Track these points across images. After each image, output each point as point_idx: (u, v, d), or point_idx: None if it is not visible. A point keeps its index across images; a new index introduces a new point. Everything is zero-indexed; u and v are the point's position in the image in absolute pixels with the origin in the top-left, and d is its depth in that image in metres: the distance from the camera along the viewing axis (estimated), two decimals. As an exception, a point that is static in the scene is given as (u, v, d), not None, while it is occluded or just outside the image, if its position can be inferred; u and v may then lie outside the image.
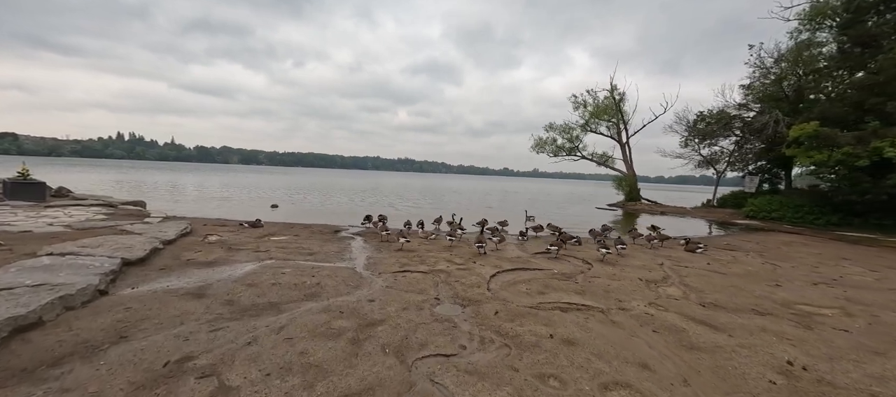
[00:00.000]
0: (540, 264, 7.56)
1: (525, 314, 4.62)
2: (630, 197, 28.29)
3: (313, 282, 5.38)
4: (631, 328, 4.43)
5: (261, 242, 8.22)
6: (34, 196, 11.57)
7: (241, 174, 67.20)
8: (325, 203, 22.31)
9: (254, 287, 5.03)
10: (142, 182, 32.36)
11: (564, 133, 33.24)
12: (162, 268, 5.65)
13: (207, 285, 5.00)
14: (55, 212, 10.04)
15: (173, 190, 25.95)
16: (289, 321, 4.02)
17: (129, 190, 24.16)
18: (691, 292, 6.08)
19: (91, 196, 13.90)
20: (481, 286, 5.75)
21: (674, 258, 9.02)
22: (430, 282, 5.82)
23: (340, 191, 34.61)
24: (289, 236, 9.33)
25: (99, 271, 4.71)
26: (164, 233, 7.68)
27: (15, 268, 4.49)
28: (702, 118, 25.76)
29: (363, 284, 5.55)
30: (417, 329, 4.03)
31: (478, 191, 44.61)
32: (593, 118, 30.49)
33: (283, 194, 26.84)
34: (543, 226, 12.15)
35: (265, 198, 22.78)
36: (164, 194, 22.45)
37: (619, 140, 29.84)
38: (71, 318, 3.67)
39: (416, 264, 6.94)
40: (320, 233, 10.09)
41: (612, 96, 29.87)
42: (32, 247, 5.87)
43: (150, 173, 51.23)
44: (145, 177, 39.50)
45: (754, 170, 25.36)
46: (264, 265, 6.21)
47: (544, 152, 34.69)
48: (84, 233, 7.34)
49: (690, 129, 26.57)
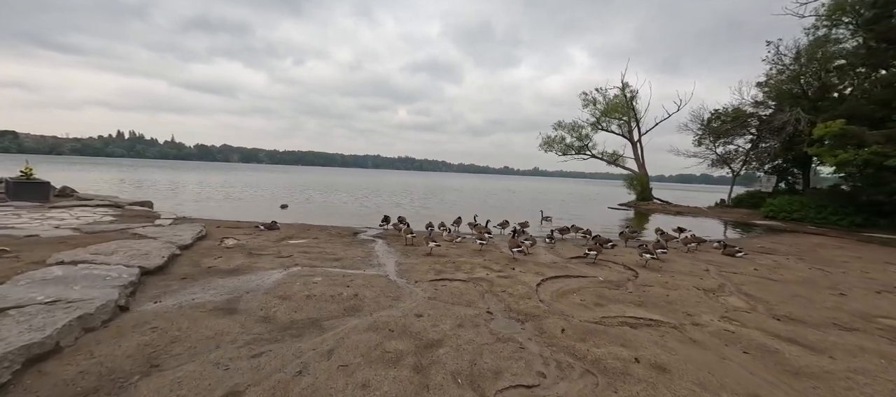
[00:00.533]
0: (581, 270, 7.08)
1: (593, 331, 4.14)
2: (642, 196, 27.80)
3: (350, 294, 4.89)
4: (716, 348, 3.94)
5: (281, 246, 7.73)
6: (38, 196, 11.07)
7: (242, 172, 66.72)
8: (332, 203, 21.83)
9: (287, 300, 4.54)
10: (144, 181, 31.86)
11: (573, 131, 32.76)
12: (183, 278, 5.16)
13: (237, 298, 4.51)
14: (61, 213, 9.55)
15: (177, 189, 25.46)
16: (336, 342, 3.53)
17: (133, 189, 23.68)
18: (757, 303, 5.60)
19: (97, 196, 13.41)
20: (531, 297, 5.26)
21: (715, 263, 8.54)
22: (474, 293, 5.34)
23: (343, 189, 34.12)
24: (308, 239, 8.85)
25: (117, 283, 4.23)
26: (179, 236, 7.19)
27: (24, 281, 4.00)
28: (717, 116, 25.27)
29: (403, 295, 5.07)
30: (483, 351, 3.54)
31: (482, 191, 44.11)
32: (604, 116, 29.98)
33: (287, 193, 26.35)
34: (569, 227, 11.67)
35: (272, 198, 22.30)
36: (169, 193, 21.96)
37: (630, 138, 29.34)
38: (91, 343, 3.18)
39: (452, 271, 6.46)
40: (339, 236, 9.60)
41: (624, 94, 29.37)
42: (40, 254, 5.38)
43: (152, 172, 50.71)
44: (147, 176, 38.99)
45: (770, 170, 24.90)
46: (291, 273, 5.72)
47: (553, 151, 34.24)
48: (94, 237, 6.85)
49: (704, 128, 26.09)
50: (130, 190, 23.11)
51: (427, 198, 28.57)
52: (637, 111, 28.42)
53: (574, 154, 33.26)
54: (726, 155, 25.92)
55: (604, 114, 29.73)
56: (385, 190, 37.16)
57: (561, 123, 33.29)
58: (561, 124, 33.28)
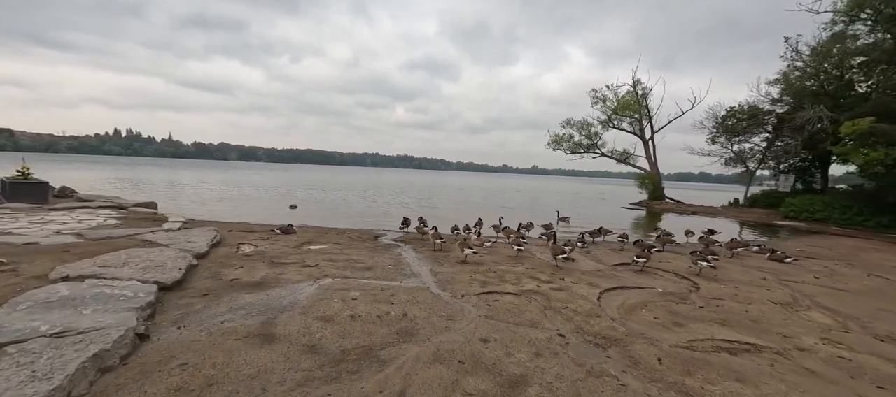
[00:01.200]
0: (634, 279, 6.49)
1: (692, 361, 3.55)
2: (654, 195, 27.26)
3: (398, 313, 4.29)
4: (844, 382, 3.36)
5: (303, 254, 7.11)
6: (36, 197, 10.40)
7: (242, 171, 65.92)
8: (340, 202, 21.18)
9: (330, 322, 3.93)
10: (144, 180, 31.11)
11: (582, 130, 32.20)
12: (205, 294, 4.54)
13: (271, 320, 3.90)
14: (61, 216, 8.89)
15: (179, 188, 24.75)
16: (404, 381, 2.93)
17: (134, 188, 22.97)
18: (846, 319, 5.02)
19: (98, 197, 12.73)
20: (599, 314, 4.67)
21: (767, 269, 7.98)
22: (533, 310, 4.74)
23: (346, 188, 33.47)
24: (328, 244, 8.23)
25: (133, 304, 3.61)
26: (192, 243, 6.56)
27: (25, 304, 3.37)
28: (732, 114, 24.73)
29: (455, 314, 4.46)
30: (580, 392, 2.95)
31: (485, 190, 43.50)
32: (615, 114, 29.40)
33: (291, 192, 25.68)
34: (598, 229, 11.08)
35: (278, 198, 21.63)
36: (171, 193, 21.27)
37: (641, 136, 28.78)
38: (111, 390, 2.56)
39: (498, 282, 5.86)
40: (361, 240, 8.98)
41: (635, 91, 28.81)
42: (42, 266, 4.75)
43: (151, 170, 49.88)
44: (146, 175, 38.21)
45: (785, 168, 24.39)
46: (324, 286, 5.11)
47: (561, 149, 33.66)
48: (100, 244, 6.21)
49: (719, 125, 25.54)
50: (131, 190, 22.42)
51: (432, 197, 27.95)
52: (649, 108, 27.86)
53: (583, 152, 32.71)
54: (741, 153, 25.39)
55: (615, 112, 29.14)
56: (388, 188, 36.53)
57: (570, 121, 32.73)
58: (570, 122, 32.72)
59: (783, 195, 22.33)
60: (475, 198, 28.77)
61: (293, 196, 23.41)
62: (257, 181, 37.71)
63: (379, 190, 33.89)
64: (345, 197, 24.74)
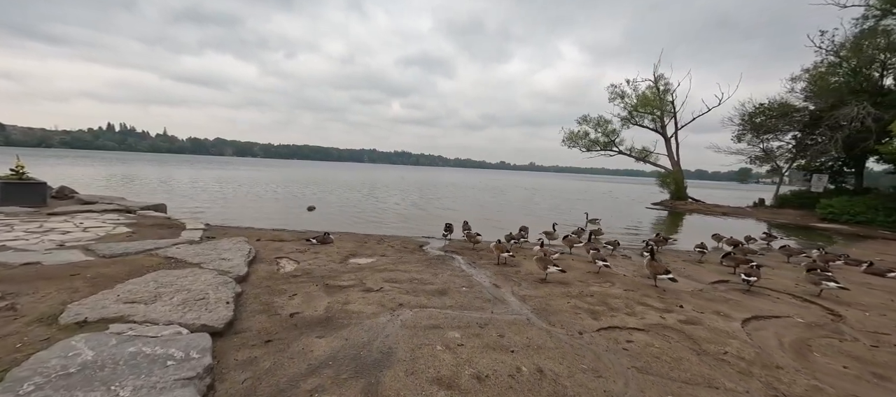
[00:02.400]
0: (754, 303, 5.47)
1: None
2: (677, 195, 26.33)
3: (530, 370, 3.22)
4: None
5: (355, 271, 6.02)
6: (33, 199, 9.21)
7: (242, 168, 64.43)
8: (356, 203, 20.01)
9: (454, 389, 2.86)
10: (143, 177, 29.74)
11: (599, 127, 31.21)
12: (268, 341, 3.44)
13: (373, 385, 2.82)
14: (63, 222, 7.73)
15: (184, 187, 23.48)
16: None
17: (135, 187, 21.69)
18: None
19: (101, 198, 11.52)
20: (778, 363, 3.63)
21: (877, 287, 7.00)
22: (686, 355, 3.69)
23: (352, 186, 32.29)
24: (374, 257, 7.14)
25: (186, 371, 2.52)
26: (227, 261, 5.45)
27: (31, 382, 2.27)
28: (761, 110, 23.81)
29: (600, 368, 3.40)
30: None
31: (492, 188, 42.42)
32: (636, 110, 28.40)
33: (298, 190, 24.47)
34: (658, 237, 10.06)
35: (291, 196, 20.42)
36: (177, 193, 20.01)
37: (663, 133, 27.81)
38: None
39: (606, 311, 4.81)
40: (407, 251, 7.91)
41: (656, 87, 27.79)
42: (48, 302, 3.63)
43: (148, 166, 48.33)
44: (145, 171, 36.78)
45: (817, 168, 23.51)
46: (407, 323, 4.03)
47: (576, 147, 32.67)
48: (117, 264, 5.09)
49: (746, 123, 24.63)
50: (133, 189, 21.15)
51: (444, 197, 26.81)
52: (673, 105, 26.84)
53: (599, 150, 31.74)
54: (770, 151, 24.47)
55: (636, 109, 28.13)
56: (393, 186, 35.40)
57: (586, 118, 31.72)
58: (586, 119, 31.71)
59: (816, 196, 21.46)
60: (487, 198, 27.69)
61: (305, 195, 22.24)
62: (260, 178, 36.42)
63: (385, 188, 32.75)
64: (355, 196, 23.59)
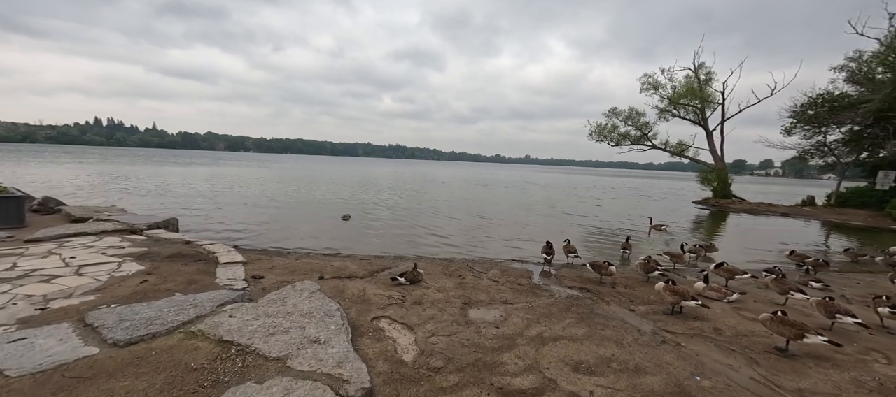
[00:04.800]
0: None
1: None
2: (721, 192, 24.53)
3: None
4: None
5: (505, 346, 3.91)
6: (7, 218, 6.91)
7: (239, 164, 61.54)
8: (382, 206, 17.76)
9: None
10: (138, 177, 27.08)
11: (630, 119, 29.24)
12: None
13: None
14: (44, 258, 5.49)
15: (186, 190, 20.99)
16: None
17: (130, 191, 19.19)
18: None
19: (94, 210, 9.18)
20: None
21: None
22: None
23: (364, 184, 29.93)
24: (496, 305, 5.02)
25: None
26: (321, 344, 3.30)
27: None
28: (814, 102, 22.02)
29: None
30: None
31: (507, 184, 40.34)
32: (672, 103, 26.46)
33: (307, 190, 22.12)
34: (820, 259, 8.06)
35: (314, 202, 18.04)
36: (181, 198, 17.59)
37: (705, 126, 25.93)
38: None
39: None
40: (525, 290, 5.79)
41: (696, 76, 25.83)
42: None
43: (140, 163, 45.33)
44: (138, 170, 33.98)
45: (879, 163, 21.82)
46: None
47: (604, 141, 30.72)
48: (139, 363, 2.92)
49: (799, 115, 22.83)
50: (130, 193, 18.69)
51: (466, 198, 24.64)
52: (724, 95, 24.88)
53: (630, 144, 29.81)
54: (827, 145, 22.70)
55: (672, 101, 26.16)
56: (403, 183, 33.17)
57: (616, 110, 29.71)
58: (615, 112, 29.70)
59: (881, 194, 19.78)
60: (515, 197, 25.59)
61: (327, 199, 19.93)
62: (265, 177, 33.89)
63: (399, 185, 30.53)
64: (382, 198, 21.34)
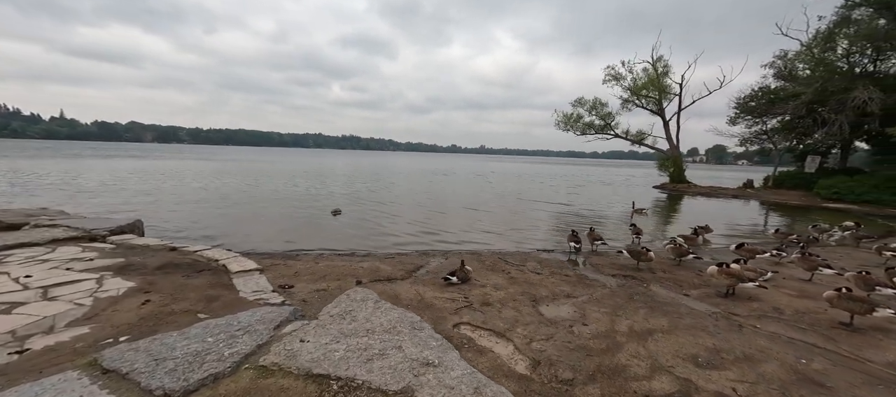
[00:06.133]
0: None
1: None
2: (677, 177, 26.55)
3: None
4: None
5: (606, 346, 3.57)
6: None
7: (175, 157, 55.34)
8: (366, 197, 16.73)
9: None
10: (45, 173, 23.07)
11: (594, 110, 30.52)
12: None
13: None
14: (-13, 277, 4.16)
15: (112, 185, 18.21)
16: None
17: (52, 191, 16.26)
18: None
19: (26, 214, 7.36)
20: None
21: None
22: None
23: (323, 176, 28.35)
24: (562, 299, 4.69)
25: None
26: (436, 362, 2.71)
27: None
28: (756, 94, 24.50)
29: None
30: None
31: (469, 173, 40.59)
32: (634, 94, 27.97)
33: (258, 183, 20.33)
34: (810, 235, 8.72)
35: (302, 197, 16.44)
36: (111, 194, 15.15)
37: (662, 115, 27.78)
38: None
39: None
40: (571, 279, 5.54)
41: (654, 69, 27.48)
42: None
43: (46, 158, 38.87)
44: (43, 165, 29.01)
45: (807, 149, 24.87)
46: None
47: (570, 130, 31.83)
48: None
49: (741, 107, 25.26)
50: (50, 191, 15.84)
51: (440, 190, 24.26)
52: (682, 86, 26.74)
53: (594, 133, 31.16)
54: (763, 133, 25.43)
55: (634, 92, 27.69)
56: (368, 175, 31.93)
57: (581, 100, 30.84)
58: (581, 102, 30.83)
59: (809, 176, 22.57)
60: (478, 187, 25.64)
61: (309, 193, 18.34)
62: (215, 171, 30.68)
63: (372, 177, 29.30)
64: (358, 189, 20.15)
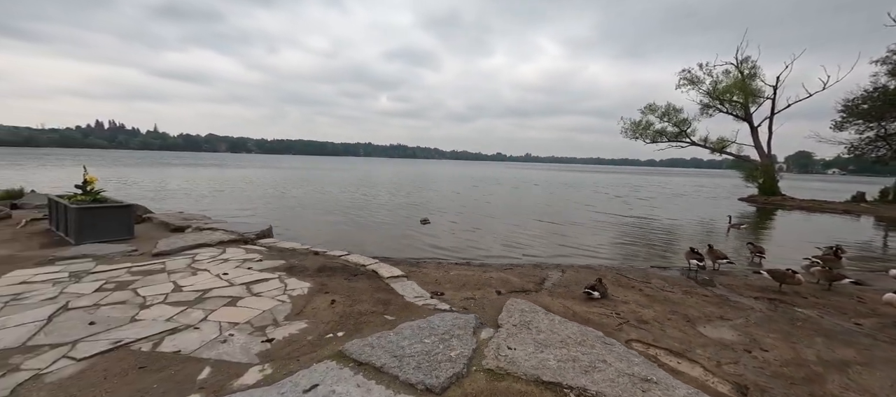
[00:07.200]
0: None
1: None
2: (768, 189, 23.96)
3: None
4: None
5: (801, 369, 3.31)
6: (117, 230, 6.25)
7: (255, 166, 60.86)
8: (453, 205, 17.11)
9: None
10: (161, 179, 26.43)
11: (667, 116, 28.68)
12: None
13: None
14: (195, 275, 4.84)
15: (226, 194, 20.39)
16: None
17: (174, 196, 18.60)
18: None
19: (184, 218, 8.52)
20: None
21: None
22: None
23: (402, 184, 29.30)
24: (718, 320, 4.42)
25: None
26: (654, 378, 2.68)
27: None
28: (871, 95, 21.51)
29: None
30: None
31: (526, 182, 39.77)
32: (715, 99, 25.91)
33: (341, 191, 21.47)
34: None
35: (392, 207, 17.35)
36: (225, 200, 16.99)
37: (749, 121, 25.38)
38: None
39: None
40: (718, 301, 5.20)
41: (739, 71, 25.25)
42: None
43: (155, 167, 44.61)
44: (155, 173, 33.30)
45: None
46: None
47: (639, 138, 30.17)
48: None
49: (850, 110, 22.31)
50: (173, 196, 18.08)
51: (519, 202, 24.02)
52: (776, 89, 24.28)
53: (666, 141, 29.27)
54: (881, 139, 22.18)
55: (715, 97, 25.61)
56: (435, 183, 32.51)
57: (651, 106, 29.16)
58: (651, 108, 29.15)
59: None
60: (544, 197, 24.99)
61: (391, 200, 19.26)
62: (295, 179, 33.29)
63: (434, 186, 29.91)
64: (432, 197, 20.71)
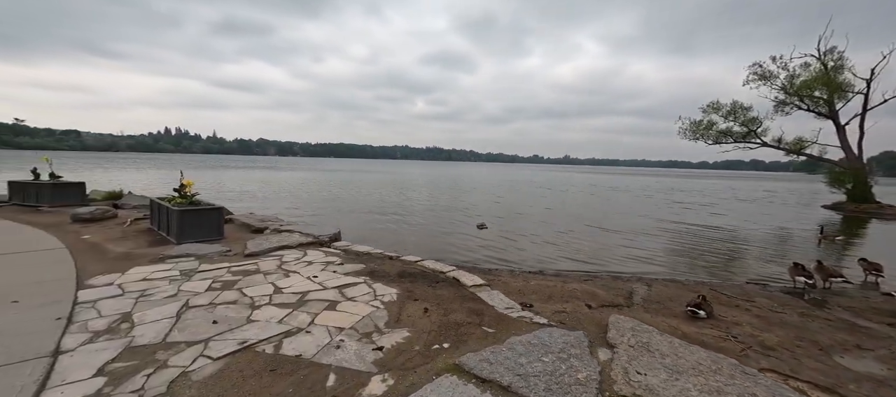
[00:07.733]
0: None
1: None
2: (860, 196, 21.18)
3: None
4: None
5: None
6: (209, 232, 6.65)
7: (303, 169, 64.14)
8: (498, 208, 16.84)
9: None
10: (225, 181, 28.43)
11: (732, 115, 26.34)
12: None
13: None
14: (288, 277, 4.97)
15: (283, 197, 21.52)
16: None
17: (241, 198, 19.89)
18: None
19: (260, 220, 8.98)
20: None
21: None
22: None
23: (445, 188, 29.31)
24: (866, 356, 3.80)
25: None
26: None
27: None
28: None
29: None
30: None
31: (571, 186, 38.22)
32: (795, 94, 23.40)
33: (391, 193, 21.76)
34: None
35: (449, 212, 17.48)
36: (287, 201, 17.92)
37: (834, 119, 22.65)
38: None
39: None
40: (847, 328, 4.52)
41: (823, 63, 22.61)
42: None
43: (217, 169, 48.31)
44: (217, 175, 35.97)
45: None
46: None
47: (701, 139, 27.98)
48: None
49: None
50: (245, 197, 19.31)
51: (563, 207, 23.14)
52: (869, 84, 21.49)
53: (732, 142, 26.90)
54: None
55: (798, 91, 23.07)
56: (479, 186, 32.19)
57: (714, 105, 26.93)
58: (715, 106, 26.91)
59: None
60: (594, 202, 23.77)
61: (436, 202, 19.41)
62: (341, 181, 34.61)
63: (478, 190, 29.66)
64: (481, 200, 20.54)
